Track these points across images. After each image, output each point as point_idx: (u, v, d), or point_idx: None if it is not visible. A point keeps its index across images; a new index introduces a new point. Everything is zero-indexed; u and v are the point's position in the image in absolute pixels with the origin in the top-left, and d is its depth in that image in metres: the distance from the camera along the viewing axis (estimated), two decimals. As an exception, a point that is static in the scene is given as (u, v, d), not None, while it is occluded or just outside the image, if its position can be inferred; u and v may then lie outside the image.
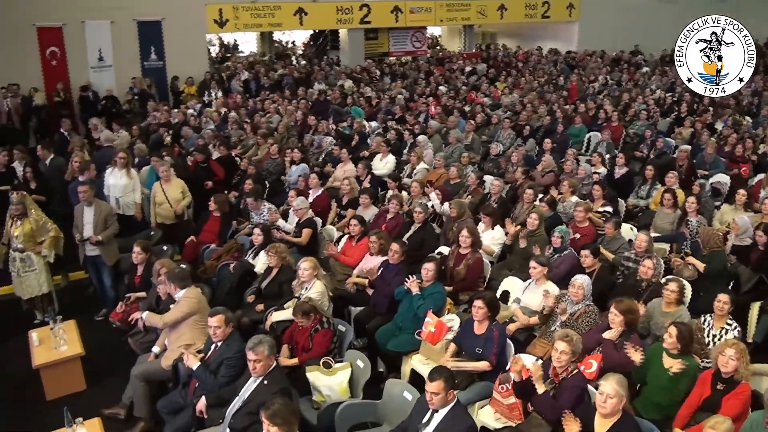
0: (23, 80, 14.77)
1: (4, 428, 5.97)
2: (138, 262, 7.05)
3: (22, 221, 7.37)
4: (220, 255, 7.93)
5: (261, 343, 4.81)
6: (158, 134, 12.46)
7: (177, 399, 5.51)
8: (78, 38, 15.45)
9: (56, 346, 6.40)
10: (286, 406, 4.17)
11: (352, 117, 13.67)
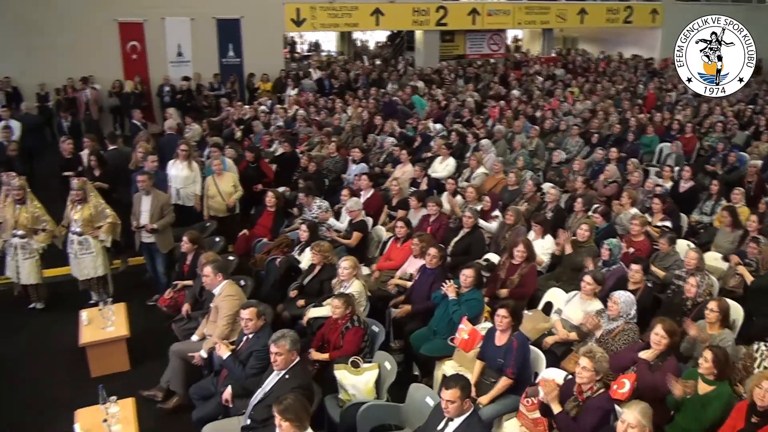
0: (104, 73, 15.44)
1: (48, 398, 6.25)
2: (187, 252, 7.24)
3: (82, 206, 7.63)
4: (270, 249, 8.09)
5: (284, 337, 4.86)
6: (230, 129, 12.80)
7: (208, 386, 5.64)
8: (158, 34, 16.06)
9: (104, 327, 6.67)
10: (298, 401, 4.18)
11: (417, 118, 13.62)
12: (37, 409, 6.13)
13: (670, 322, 5.08)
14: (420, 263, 6.95)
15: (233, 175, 9.28)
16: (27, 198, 7.66)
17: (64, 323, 7.30)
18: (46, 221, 7.75)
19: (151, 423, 5.75)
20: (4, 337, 7.42)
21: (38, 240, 7.70)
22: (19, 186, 7.60)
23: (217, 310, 6.08)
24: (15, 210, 7.62)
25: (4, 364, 6.94)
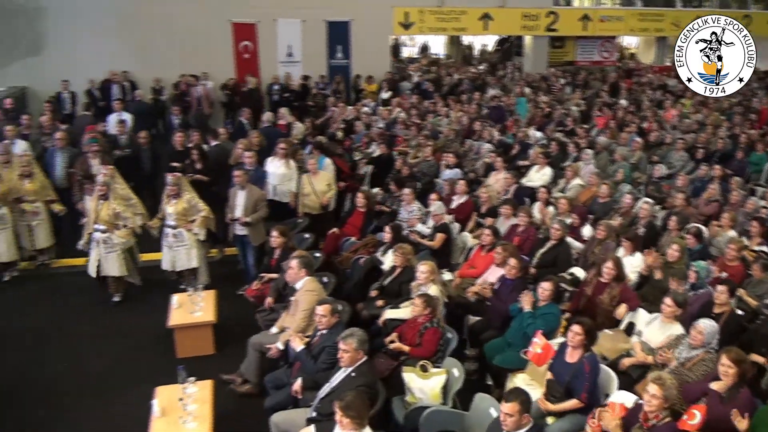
0: (216, 71, 16.18)
1: (133, 374, 6.70)
2: (275, 246, 7.51)
3: (176, 200, 8.02)
4: (357, 248, 8.27)
5: (352, 336, 5.00)
6: (335, 129, 13.13)
7: (282, 376, 5.86)
8: (270, 35, 16.67)
9: (192, 312, 7.06)
10: (359, 399, 4.31)
11: (517, 121, 13.44)
12: (121, 383, 6.58)
13: (736, 351, 4.82)
14: (501, 273, 6.91)
15: (328, 174, 9.51)
16: (110, 194, 7.95)
17: (157, 305, 7.72)
18: (127, 218, 8.05)
19: (226, 406, 6.03)
20: (96, 314, 7.96)
21: (119, 235, 7.99)
22: (102, 182, 7.93)
23: (297, 304, 6.29)
24: (98, 205, 7.93)
25: (96, 339, 7.49)
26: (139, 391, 5.86)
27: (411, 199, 8.82)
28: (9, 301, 8.35)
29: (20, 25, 15.05)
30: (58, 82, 14.65)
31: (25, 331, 7.67)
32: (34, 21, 15.16)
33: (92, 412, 6.24)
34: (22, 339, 7.50)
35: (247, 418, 5.96)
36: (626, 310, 6.28)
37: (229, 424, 5.77)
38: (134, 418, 5.55)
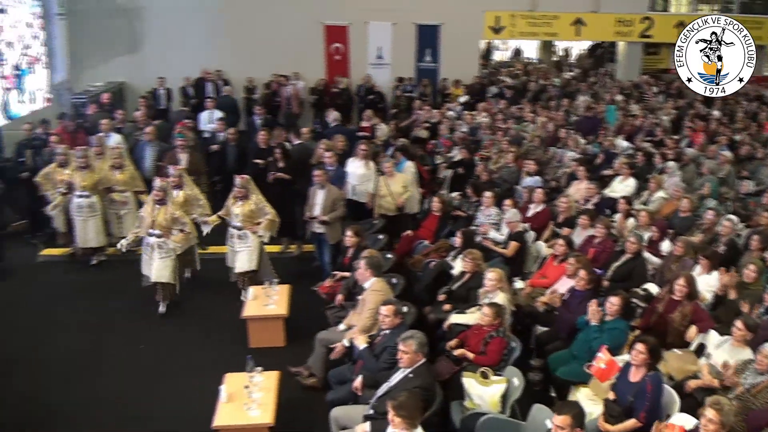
0: (307, 72, 16.59)
1: (206, 360, 7.04)
2: (349, 245, 7.71)
3: (243, 202, 8.06)
4: (429, 252, 8.37)
5: (412, 338, 5.11)
6: (417, 131, 13.27)
7: (345, 372, 6.03)
8: (361, 37, 16.94)
9: (266, 304, 7.36)
10: (412, 400, 4.41)
11: (605, 129, 13.14)
12: (195, 367, 6.96)
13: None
14: (572, 284, 6.86)
15: (405, 176, 9.61)
16: (167, 199, 8.01)
17: (231, 295, 8.13)
18: (185, 223, 8.09)
19: (290, 397, 6.27)
20: (177, 300, 8.33)
21: (174, 240, 8.03)
22: (159, 187, 7.98)
23: (363, 303, 6.47)
24: (154, 210, 7.98)
25: (174, 323, 7.96)
26: (210, 376, 6.13)
27: (491, 202, 8.82)
28: (96, 284, 8.93)
29: (120, 24, 15.93)
30: (155, 79, 15.42)
31: (113, 312, 8.21)
32: (134, 20, 16.02)
33: (165, 392, 6.64)
34: (111, 318, 8.05)
35: (308, 410, 6.18)
36: (696, 332, 6.11)
37: (291, 415, 5.99)
38: (203, 401, 5.83)
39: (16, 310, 8.29)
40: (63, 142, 10.16)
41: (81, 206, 9.17)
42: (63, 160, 9.19)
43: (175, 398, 6.51)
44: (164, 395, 6.60)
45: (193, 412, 5.98)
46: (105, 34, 15.60)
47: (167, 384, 6.78)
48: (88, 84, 15.39)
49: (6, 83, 12.90)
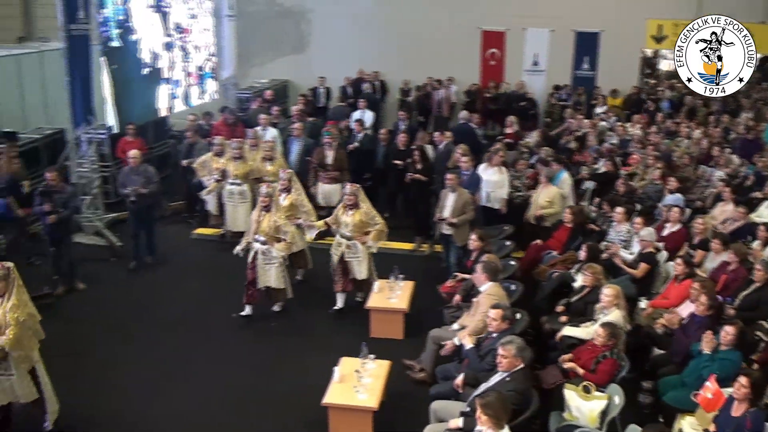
0: (461, 76, 16.91)
1: (328, 345, 7.51)
2: (473, 248, 7.92)
3: (353, 211, 8.07)
4: (556, 263, 8.40)
5: (512, 343, 5.28)
6: (566, 141, 13.16)
7: (451, 370, 6.29)
8: (517, 43, 16.94)
9: (389, 297, 7.79)
10: (500, 401, 4.60)
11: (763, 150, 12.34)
12: (315, 349, 7.50)
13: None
14: (693, 308, 6.66)
15: (556, 190, 9.51)
16: (272, 206, 8.04)
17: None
18: (287, 232, 8.02)
19: (398, 387, 6.66)
20: (313, 285, 8.94)
21: (278, 248, 8.00)
22: (265, 193, 8.03)
23: (477, 305, 6.68)
24: (260, 216, 8.08)
25: (303, 307, 8.49)
26: (329, 358, 6.60)
27: (622, 219, 8.65)
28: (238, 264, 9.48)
29: (287, 25, 17.14)
30: (316, 78, 16.38)
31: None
32: (300, 22, 17.16)
33: (285, 367, 7.29)
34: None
35: (412, 401, 6.47)
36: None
37: (395, 403, 6.40)
38: (319, 380, 6.31)
39: (164, 278, 9.37)
40: (221, 133, 11.20)
41: (232, 193, 10.04)
42: (219, 149, 10.15)
43: (297, 374, 7.09)
44: (284, 370, 7.24)
45: (308, 388, 6.49)
46: (272, 34, 16.85)
47: (289, 361, 7.38)
48: (254, 80, 16.69)
49: (190, 80, 14.35)
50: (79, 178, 10.72)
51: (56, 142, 11.24)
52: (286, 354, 7.53)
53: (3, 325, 5.52)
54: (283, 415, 6.49)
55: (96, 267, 9.52)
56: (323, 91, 16.49)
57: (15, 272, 5.68)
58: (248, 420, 6.45)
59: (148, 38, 12.91)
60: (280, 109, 12.68)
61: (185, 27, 14.33)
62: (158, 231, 10.06)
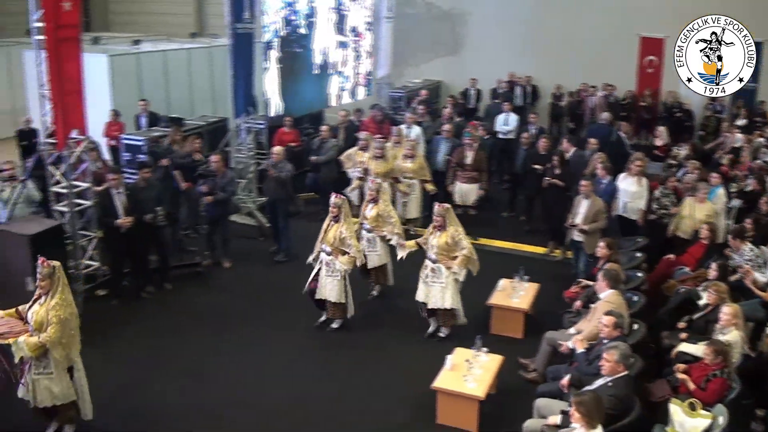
0: (616, 82, 16.56)
1: (453, 334, 7.85)
2: (600, 256, 7.98)
3: (441, 233, 7.75)
4: (686, 280, 8.26)
5: (616, 348, 5.45)
6: (719, 156, 12.68)
7: (561, 371, 6.48)
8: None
9: (511, 296, 8.08)
10: (595, 401, 4.83)
11: None
12: (432, 341, 7.86)
13: None
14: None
15: (713, 206, 9.28)
16: (342, 217, 7.90)
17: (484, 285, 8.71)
18: (351, 245, 7.84)
19: (507, 382, 7.00)
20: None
21: (341, 262, 7.85)
22: (335, 204, 7.93)
23: (594, 312, 6.82)
24: (328, 226, 8.03)
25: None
26: (446, 347, 7.03)
27: (737, 244, 8.31)
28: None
29: (443, 27, 17.56)
30: (468, 80, 16.74)
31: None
32: (456, 25, 17.55)
33: (400, 355, 7.77)
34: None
35: (519, 397, 6.73)
36: None
37: (502, 396, 6.79)
38: (433, 366, 6.73)
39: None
40: (369, 130, 11.89)
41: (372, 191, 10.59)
42: (364, 145, 10.85)
43: (413, 359, 7.55)
44: (399, 356, 7.72)
45: (422, 373, 6.90)
46: (428, 36, 17.38)
47: (408, 347, 7.83)
48: (408, 80, 17.33)
49: (359, 79, 15.27)
50: (237, 163, 11.92)
51: (218, 129, 12.57)
52: (408, 345, 7.92)
53: (45, 322, 5.63)
54: (392, 398, 6.94)
55: (244, 245, 10.51)
56: (474, 92, 16.83)
57: (60, 271, 5.83)
58: (361, 399, 6.97)
59: (322, 36, 13.85)
60: (426, 108, 13.18)
61: (360, 32, 15.24)
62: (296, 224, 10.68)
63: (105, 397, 6.54)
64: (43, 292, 5.74)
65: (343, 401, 6.92)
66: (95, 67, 12.68)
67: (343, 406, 6.84)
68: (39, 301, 5.78)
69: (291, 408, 6.78)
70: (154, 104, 13.60)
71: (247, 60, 11.68)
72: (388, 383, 7.18)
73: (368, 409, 6.78)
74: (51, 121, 8.22)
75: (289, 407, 6.79)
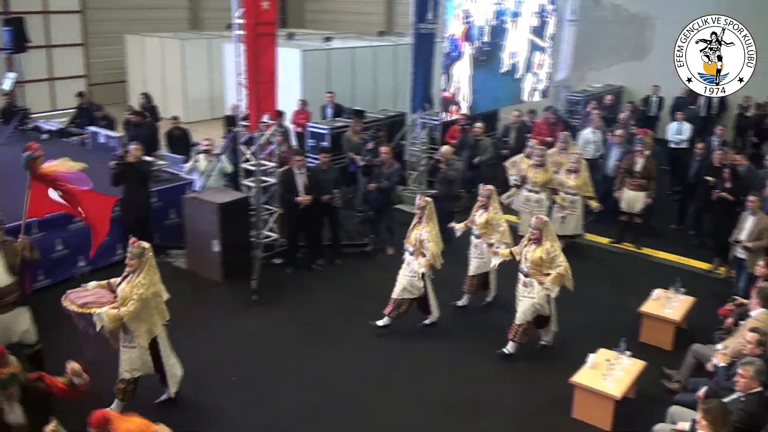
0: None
1: (596, 336, 7.78)
2: (759, 275, 7.70)
3: (536, 246, 7.50)
4: None
5: (752, 364, 5.43)
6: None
7: (702, 383, 6.46)
8: None
9: (664, 307, 8.08)
10: (722, 411, 4.90)
11: None
12: (590, 339, 7.79)
13: None
14: None
15: None
16: (424, 219, 7.92)
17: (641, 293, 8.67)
18: (428, 249, 7.75)
19: (647, 389, 7.08)
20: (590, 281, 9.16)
21: (419, 263, 7.85)
22: (419, 206, 8.00)
23: (742, 328, 6.71)
24: (414, 225, 8.08)
25: (577, 307, 8.69)
26: (589, 347, 7.18)
27: None
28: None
29: (629, 31, 17.10)
30: (650, 86, 16.24)
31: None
32: (643, 29, 17.00)
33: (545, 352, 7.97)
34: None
35: (656, 404, 6.73)
36: None
37: (639, 401, 6.95)
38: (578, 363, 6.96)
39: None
40: (542, 131, 12.06)
41: (529, 200, 10.51)
42: (530, 152, 10.75)
43: (549, 356, 7.86)
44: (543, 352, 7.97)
45: (561, 367, 7.22)
46: (613, 40, 17.00)
47: (576, 353, 7.55)
48: (588, 85, 17.15)
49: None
50: (410, 156, 12.61)
51: (395, 123, 13.36)
52: (572, 349, 7.84)
53: (127, 298, 6.00)
54: (531, 389, 7.24)
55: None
56: (656, 100, 16.31)
57: (150, 253, 6.16)
58: (502, 388, 7.32)
59: (516, 37, 14.35)
60: (599, 113, 13.10)
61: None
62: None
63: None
64: (132, 270, 6.11)
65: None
66: (289, 60, 14.08)
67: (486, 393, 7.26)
68: (127, 278, 6.16)
69: (435, 394, 7.18)
70: (340, 97, 14.73)
71: (427, 59, 12.35)
72: (526, 374, 7.53)
73: (504, 398, 7.16)
74: (245, 106, 9.35)
75: (432, 393, 7.18)
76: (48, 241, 8.84)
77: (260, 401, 6.93)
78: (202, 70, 19.48)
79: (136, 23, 21.04)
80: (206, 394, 6.91)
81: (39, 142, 7.19)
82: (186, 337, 7.39)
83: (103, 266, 9.39)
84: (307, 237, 9.97)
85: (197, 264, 9.62)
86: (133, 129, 12.53)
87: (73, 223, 9.07)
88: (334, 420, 6.73)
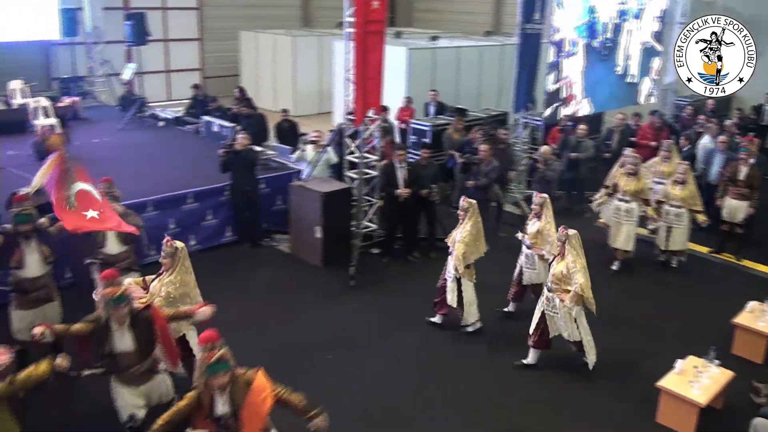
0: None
1: (684, 342, 7.87)
2: None
3: (561, 260, 7.25)
4: None
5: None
6: None
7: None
8: None
9: (758, 320, 7.93)
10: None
11: None
12: (679, 345, 7.80)
13: None
14: None
15: None
16: (466, 220, 7.98)
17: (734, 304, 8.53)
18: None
19: (731, 399, 7.02)
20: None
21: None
22: (462, 207, 8.05)
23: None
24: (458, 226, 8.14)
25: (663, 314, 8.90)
26: (677, 353, 7.21)
27: None
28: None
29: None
30: (762, 93, 15.62)
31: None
32: (758, 33, 16.08)
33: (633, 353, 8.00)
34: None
35: (741, 414, 6.65)
36: None
37: (725, 411, 6.90)
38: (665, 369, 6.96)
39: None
40: (647, 136, 11.86)
41: (619, 209, 9.93)
42: (624, 160, 10.14)
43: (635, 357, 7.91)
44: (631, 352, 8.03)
45: (648, 371, 7.29)
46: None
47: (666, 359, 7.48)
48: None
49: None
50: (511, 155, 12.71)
51: (498, 122, 13.49)
52: (624, 340, 8.23)
53: (155, 294, 6.00)
54: (616, 392, 7.29)
55: (507, 231, 11.07)
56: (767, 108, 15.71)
57: (183, 252, 6.15)
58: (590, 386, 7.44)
59: (633, 41, 14.29)
60: (706, 119, 12.78)
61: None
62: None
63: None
64: (165, 268, 6.15)
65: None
66: (396, 58, 14.50)
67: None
68: (160, 276, 6.20)
69: (517, 392, 7.36)
70: (444, 95, 15.03)
71: (532, 59, 12.44)
72: (612, 375, 7.59)
73: (591, 398, 7.26)
74: (352, 100, 9.82)
75: (508, 399, 7.28)
76: (161, 220, 9.71)
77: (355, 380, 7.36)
78: (312, 66, 20.24)
79: (249, 20, 22.14)
80: (300, 370, 7.26)
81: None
82: (284, 316, 8.07)
83: (213, 246, 10.31)
84: (405, 229, 10.36)
85: (300, 249, 10.22)
86: (243, 120, 13.30)
87: (186, 204, 9.98)
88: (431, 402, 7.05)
